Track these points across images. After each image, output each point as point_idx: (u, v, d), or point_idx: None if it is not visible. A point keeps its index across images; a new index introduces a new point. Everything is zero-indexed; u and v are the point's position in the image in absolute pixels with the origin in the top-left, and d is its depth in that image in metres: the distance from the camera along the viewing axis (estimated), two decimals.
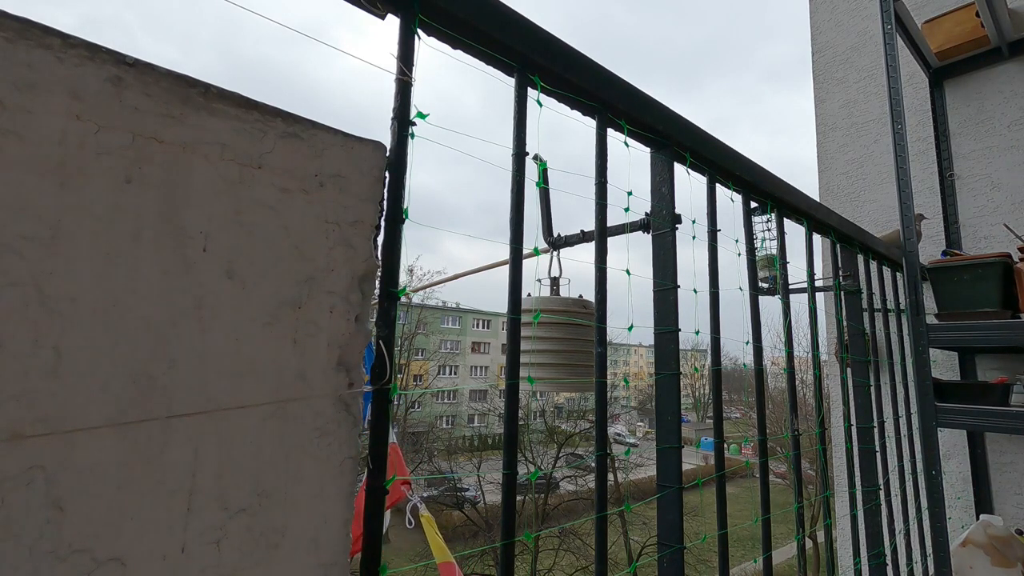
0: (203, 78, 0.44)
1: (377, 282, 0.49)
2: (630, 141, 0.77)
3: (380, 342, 0.46)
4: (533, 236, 1.16)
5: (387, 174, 0.50)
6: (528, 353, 0.90)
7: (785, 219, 1.17)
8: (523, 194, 0.59)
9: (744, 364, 0.91)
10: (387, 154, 0.50)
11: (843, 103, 2.24)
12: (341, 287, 0.46)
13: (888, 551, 1.36)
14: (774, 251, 2.07)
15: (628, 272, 0.70)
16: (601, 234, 0.68)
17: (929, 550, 1.44)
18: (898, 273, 1.66)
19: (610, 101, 0.71)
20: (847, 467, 1.24)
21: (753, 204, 1.11)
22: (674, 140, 0.81)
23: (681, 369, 0.80)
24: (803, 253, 1.21)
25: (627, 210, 0.71)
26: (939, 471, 1.43)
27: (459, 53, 0.59)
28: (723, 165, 0.91)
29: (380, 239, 0.49)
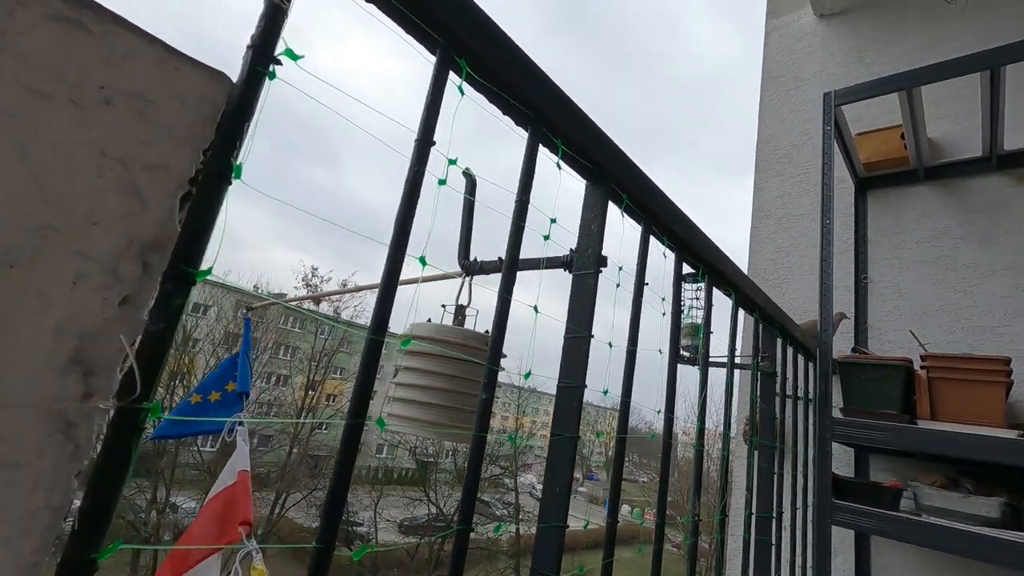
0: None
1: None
2: (564, 166, 0.69)
3: (131, 341, 0.31)
4: (447, 257, 1.04)
5: (225, 116, 0.37)
6: (406, 388, 0.77)
7: (714, 290, 1.13)
8: (418, 190, 0.47)
9: (652, 435, 0.82)
10: (230, 89, 0.37)
11: (778, 194, 2.35)
12: (104, 251, 0.31)
13: None
14: (699, 320, 2.08)
15: (536, 309, 0.60)
16: (512, 259, 0.58)
17: None
18: (811, 363, 1.68)
19: (547, 113, 0.62)
20: (742, 559, 1.17)
21: (686, 269, 1.06)
22: (612, 176, 0.73)
23: (588, 431, 0.69)
24: (726, 326, 1.17)
25: (547, 238, 0.61)
26: (828, 571, 1.40)
27: (373, 9, 0.49)
28: (661, 217, 0.84)
29: (192, 201, 0.35)
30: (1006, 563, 1.10)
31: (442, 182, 0.49)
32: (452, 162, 0.51)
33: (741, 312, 1.26)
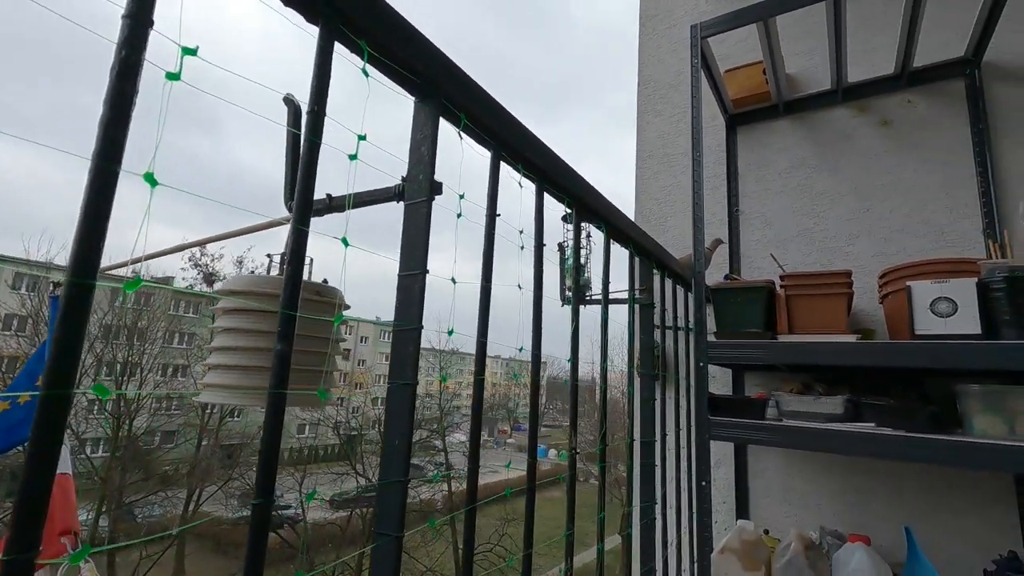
0: None
1: None
2: (380, 77, 0.59)
3: None
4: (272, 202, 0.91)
5: None
6: (223, 352, 0.65)
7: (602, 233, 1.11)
8: (133, 81, 0.36)
9: (515, 375, 0.79)
10: None
11: (659, 134, 2.40)
12: None
13: (660, 563, 1.37)
14: (586, 262, 2.11)
15: (345, 242, 0.51)
16: (305, 181, 0.48)
17: (696, 557, 1.50)
18: (689, 293, 1.76)
19: (342, 7, 0.51)
20: (627, 483, 1.21)
21: (566, 210, 1.02)
22: (444, 92, 0.65)
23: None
24: (615, 267, 1.16)
25: (353, 157, 0.52)
26: (709, 482, 1.51)
27: None
28: (512, 142, 0.78)
29: None
30: (849, 451, 1.24)
31: (172, 76, 0.38)
32: (189, 51, 0.39)
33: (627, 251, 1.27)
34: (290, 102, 0.77)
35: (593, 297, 1.52)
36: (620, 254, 1.33)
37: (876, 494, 1.68)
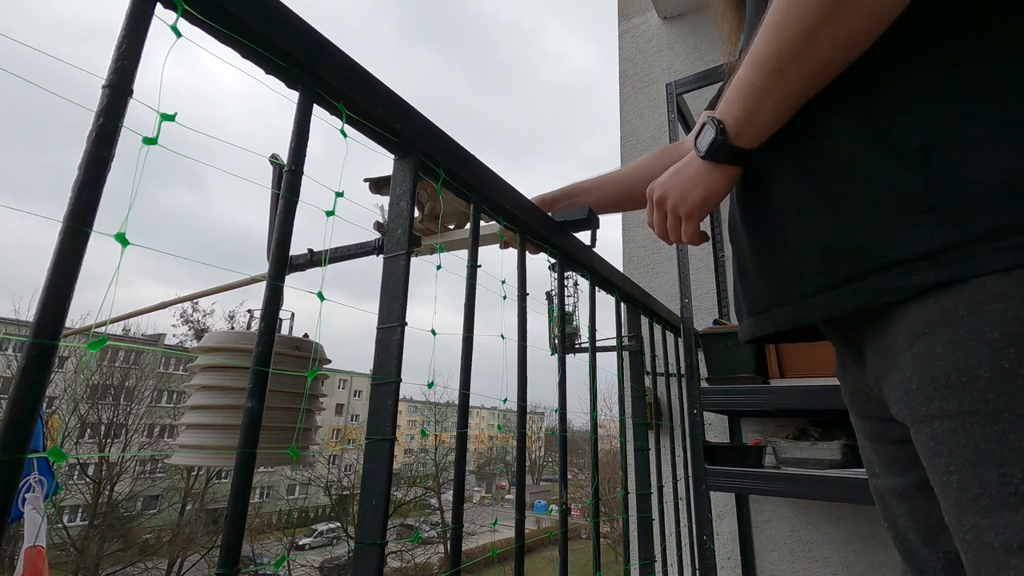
0: None
1: None
2: (360, 136, 0.61)
3: None
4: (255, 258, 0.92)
5: None
6: (202, 411, 0.64)
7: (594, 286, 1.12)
8: (109, 145, 0.37)
9: (499, 427, 0.77)
10: None
11: None
12: None
13: None
14: (574, 310, 2.11)
15: (321, 296, 0.51)
16: (282, 237, 0.49)
17: None
18: (679, 338, 1.76)
19: (321, 74, 0.54)
20: (623, 537, 1.16)
21: (548, 260, 1.04)
22: (422, 149, 0.67)
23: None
24: (607, 317, 1.17)
25: (331, 214, 0.53)
26: (710, 536, 1.45)
27: None
28: (490, 194, 0.80)
29: None
30: (848, 499, 1.20)
31: (150, 141, 0.39)
32: (167, 117, 0.41)
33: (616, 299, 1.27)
34: (275, 162, 0.79)
35: (582, 345, 1.51)
36: (608, 301, 1.34)
37: (885, 542, 1.61)
